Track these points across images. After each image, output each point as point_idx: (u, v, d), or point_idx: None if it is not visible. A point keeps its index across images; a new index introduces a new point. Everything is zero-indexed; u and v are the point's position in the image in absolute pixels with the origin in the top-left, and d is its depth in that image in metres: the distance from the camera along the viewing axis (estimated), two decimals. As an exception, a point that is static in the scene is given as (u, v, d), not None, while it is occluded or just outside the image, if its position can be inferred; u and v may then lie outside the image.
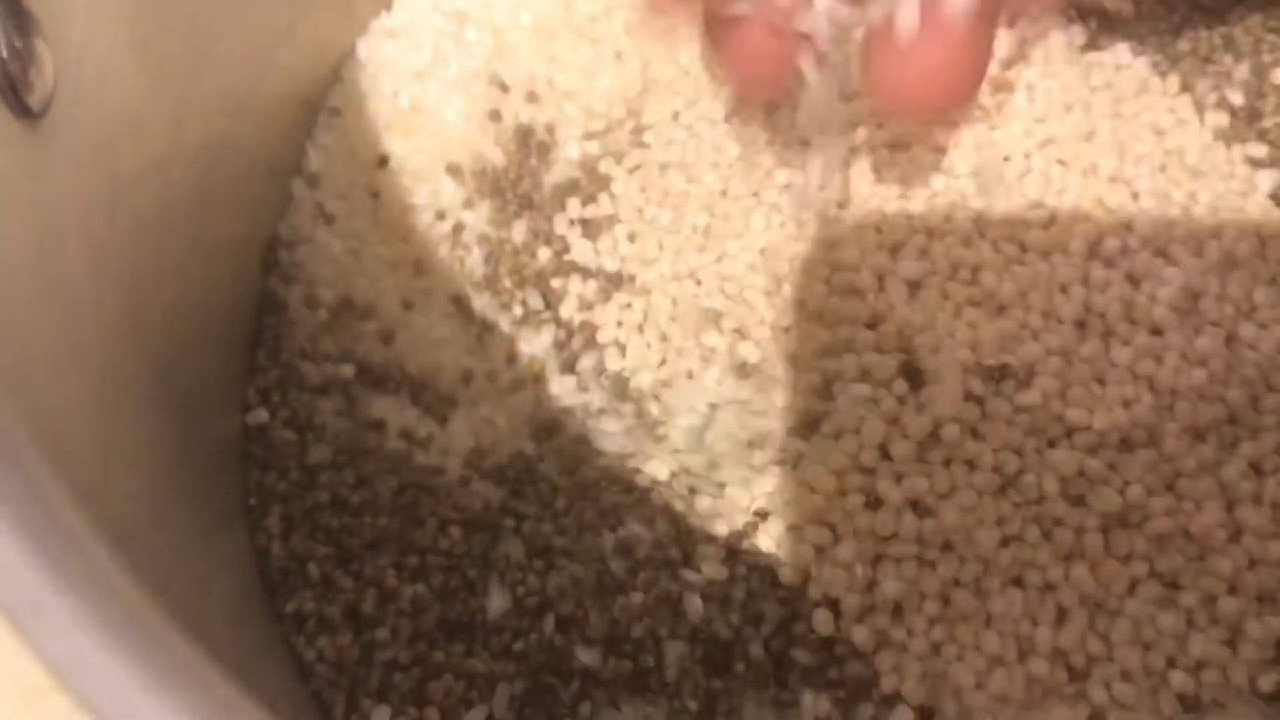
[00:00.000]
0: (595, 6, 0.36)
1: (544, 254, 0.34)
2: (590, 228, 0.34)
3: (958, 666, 0.28)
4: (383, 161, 0.35)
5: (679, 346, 0.32)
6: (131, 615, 0.16)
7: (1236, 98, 0.35)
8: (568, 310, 0.33)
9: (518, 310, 0.33)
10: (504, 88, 0.35)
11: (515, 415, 0.32)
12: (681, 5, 0.26)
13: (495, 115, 0.35)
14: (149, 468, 0.25)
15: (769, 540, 0.29)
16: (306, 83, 0.35)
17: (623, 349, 0.32)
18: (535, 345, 0.33)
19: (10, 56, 0.19)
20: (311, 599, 0.29)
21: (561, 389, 0.32)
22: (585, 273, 0.33)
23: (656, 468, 0.30)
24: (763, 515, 0.29)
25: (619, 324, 0.33)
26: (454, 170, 0.35)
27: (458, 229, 0.34)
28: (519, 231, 0.34)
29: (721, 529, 0.29)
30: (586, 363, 0.32)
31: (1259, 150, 0.34)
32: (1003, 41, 0.35)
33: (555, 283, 0.33)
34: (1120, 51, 0.36)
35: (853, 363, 0.30)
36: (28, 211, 0.20)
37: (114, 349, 0.24)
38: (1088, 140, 0.33)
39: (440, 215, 0.34)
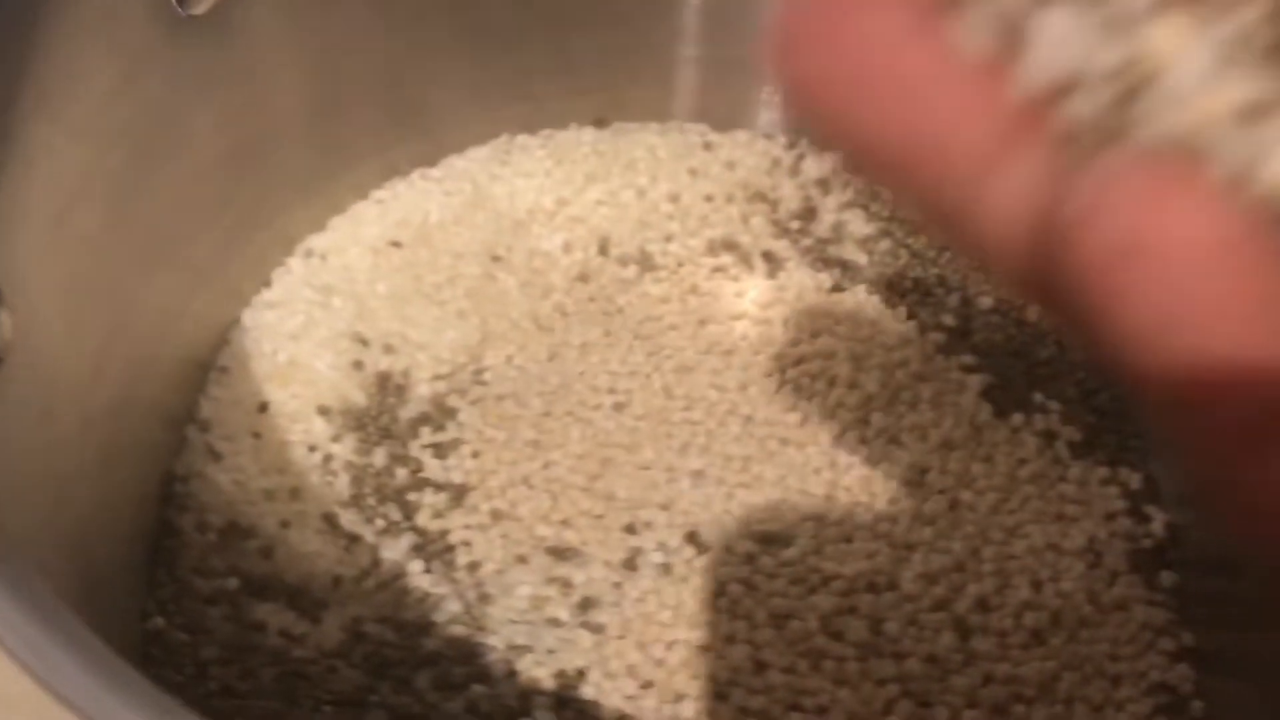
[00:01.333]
0: (440, 277, 0.45)
1: (401, 474, 0.41)
2: (440, 450, 0.41)
3: (752, 782, 0.34)
4: (263, 407, 0.42)
5: (515, 539, 0.39)
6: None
7: (950, 320, 0.45)
8: (423, 519, 0.40)
9: (380, 523, 0.40)
10: (365, 343, 0.43)
11: (379, 611, 0.38)
12: None
13: (358, 365, 0.43)
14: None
15: (590, 689, 0.35)
16: (200, 348, 0.42)
17: (469, 545, 0.39)
18: (395, 551, 0.39)
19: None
20: (201, 773, 0.34)
21: (418, 585, 0.38)
22: (437, 486, 0.40)
23: (495, 640, 0.36)
24: (583, 671, 0.35)
25: (466, 526, 0.39)
26: (324, 411, 0.42)
27: (327, 459, 0.41)
28: (380, 457, 0.41)
29: (550, 684, 0.35)
30: (439, 561, 0.39)
31: (970, 359, 0.44)
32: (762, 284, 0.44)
33: (411, 496, 0.40)
34: (859, 291, 0.45)
35: (650, 538, 0.37)
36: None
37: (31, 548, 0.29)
38: (830, 359, 0.42)
39: (312, 448, 0.41)
